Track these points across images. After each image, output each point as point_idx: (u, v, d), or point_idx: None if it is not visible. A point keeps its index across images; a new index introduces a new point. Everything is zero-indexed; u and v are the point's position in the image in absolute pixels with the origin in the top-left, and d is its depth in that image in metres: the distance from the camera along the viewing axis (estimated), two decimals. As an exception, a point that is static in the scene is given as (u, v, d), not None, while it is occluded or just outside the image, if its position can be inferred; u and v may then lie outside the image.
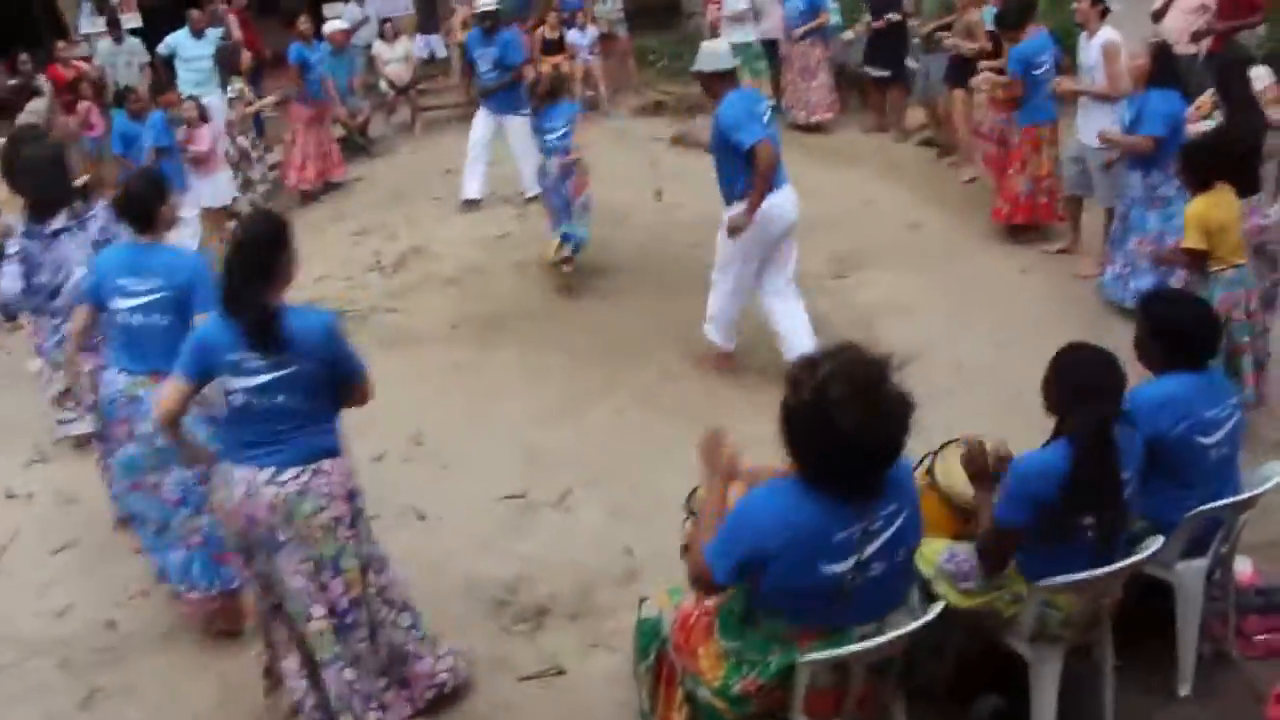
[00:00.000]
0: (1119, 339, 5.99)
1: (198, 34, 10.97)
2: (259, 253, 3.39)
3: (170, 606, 4.49)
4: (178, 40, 11.00)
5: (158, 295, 4.08)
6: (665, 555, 4.00)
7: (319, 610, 3.50)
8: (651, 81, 14.19)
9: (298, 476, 3.41)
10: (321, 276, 8.25)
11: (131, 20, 13.82)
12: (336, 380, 3.48)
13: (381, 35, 12.85)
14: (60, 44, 11.05)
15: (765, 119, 5.69)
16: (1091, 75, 6.99)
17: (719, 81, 5.72)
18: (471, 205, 9.54)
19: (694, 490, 3.69)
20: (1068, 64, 7.81)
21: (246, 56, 10.50)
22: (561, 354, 6.63)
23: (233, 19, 12.21)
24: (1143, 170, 6.31)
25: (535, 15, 13.52)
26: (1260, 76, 7.39)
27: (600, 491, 5.17)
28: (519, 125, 9.05)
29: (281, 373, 3.34)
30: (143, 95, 9.11)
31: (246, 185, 10.07)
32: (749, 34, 11.45)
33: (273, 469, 3.41)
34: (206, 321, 3.52)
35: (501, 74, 9.38)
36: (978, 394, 5.71)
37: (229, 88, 10.24)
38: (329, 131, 10.92)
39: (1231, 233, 4.90)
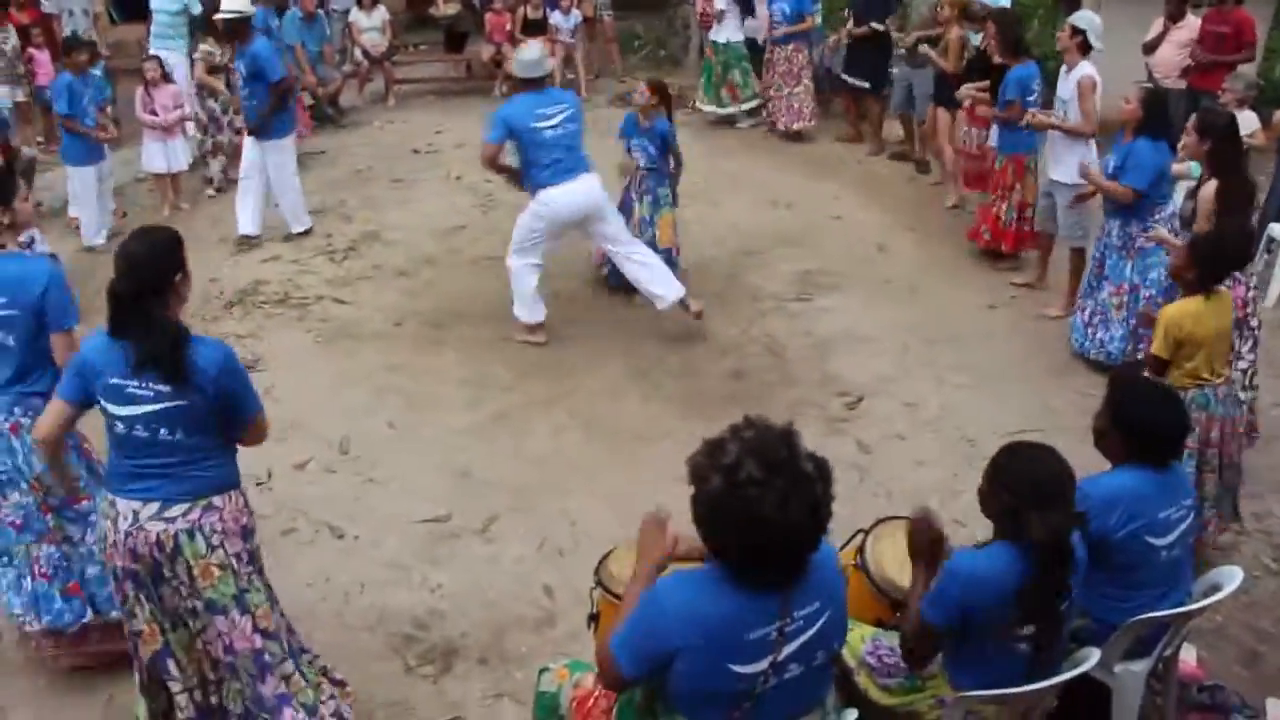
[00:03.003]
0: (1081, 387, 5.92)
1: None
2: (150, 270, 3.09)
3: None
4: None
5: (5, 314, 3.61)
6: (585, 599, 3.78)
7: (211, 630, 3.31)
8: (633, 69, 13.87)
9: (186, 513, 3.18)
10: (269, 257, 7.99)
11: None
12: (226, 416, 3.20)
13: (359, 2, 12.45)
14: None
15: (546, 120, 6.06)
16: (1065, 109, 6.71)
17: (521, 85, 6.24)
18: (249, 241, 8.22)
19: (606, 555, 3.46)
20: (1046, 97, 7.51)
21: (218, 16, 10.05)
22: (506, 362, 6.38)
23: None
24: (1121, 219, 6.05)
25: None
26: (1247, 122, 7.24)
27: (527, 519, 4.93)
28: (280, 150, 8.12)
29: (169, 404, 3.07)
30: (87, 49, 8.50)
31: (216, 150, 9.58)
32: (735, 33, 11.17)
33: (158, 503, 3.16)
34: (91, 340, 3.18)
35: (255, 90, 7.89)
36: (929, 441, 5.52)
37: (199, 48, 9.84)
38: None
39: (1208, 349, 4.30)
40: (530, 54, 6.29)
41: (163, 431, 3.10)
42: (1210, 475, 4.46)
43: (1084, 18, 6.79)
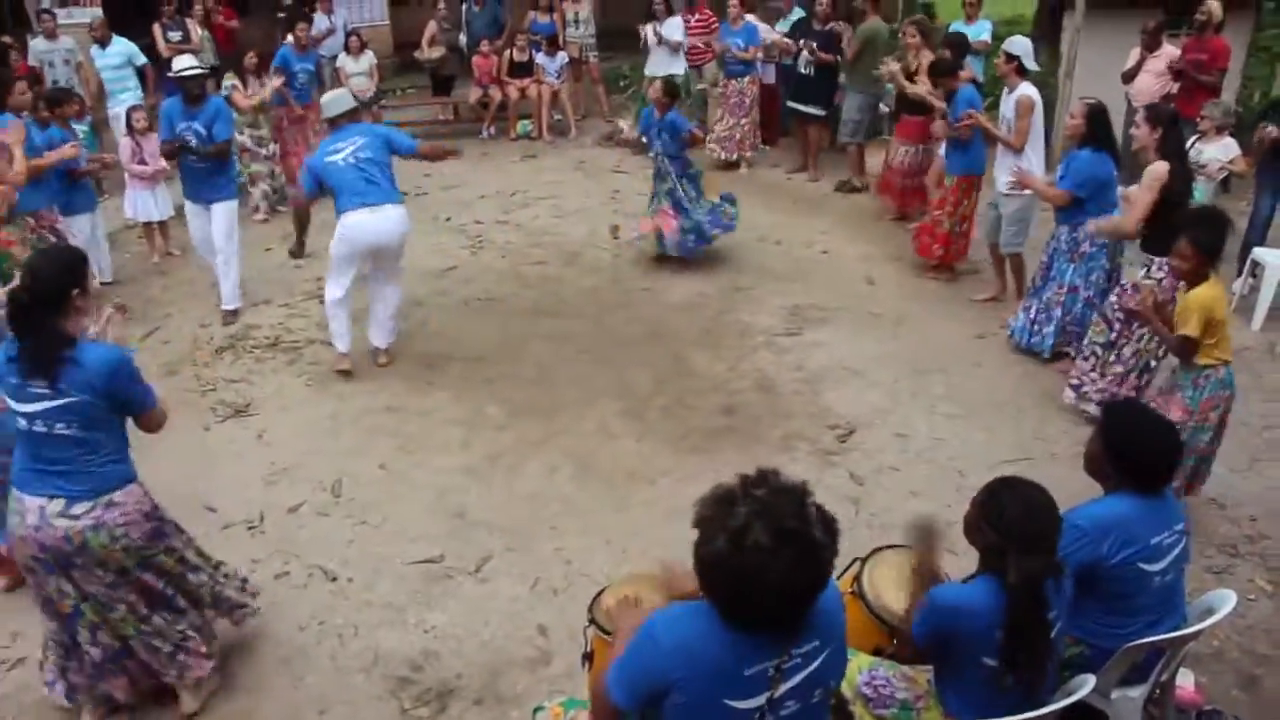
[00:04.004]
0: (1070, 415, 5.95)
1: (99, 42, 10.64)
2: (50, 285, 3.44)
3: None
4: (91, 50, 10.71)
5: None
6: (579, 637, 3.77)
7: (121, 603, 3.72)
8: (620, 109, 13.98)
9: (90, 510, 3.51)
10: (260, 301, 8.00)
11: (92, 14, 13.41)
12: (122, 413, 3.60)
13: (346, 48, 12.54)
14: (7, 37, 10.58)
15: (337, 154, 6.38)
16: (1008, 126, 7.16)
17: (329, 123, 6.66)
18: (233, 315, 7.76)
19: (600, 593, 3.45)
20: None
21: (251, 56, 10.22)
22: (498, 402, 6.38)
23: (190, 22, 11.88)
24: (1069, 225, 6.41)
25: (505, 36, 13.27)
26: (1227, 149, 7.33)
27: (521, 560, 4.91)
28: (224, 213, 7.57)
29: (61, 402, 3.41)
30: (77, 101, 8.54)
31: (255, 179, 10.02)
32: (679, 65, 11.72)
33: (63, 501, 3.49)
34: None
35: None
36: (921, 472, 5.51)
37: (224, 84, 9.97)
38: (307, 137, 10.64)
39: (1226, 328, 4.68)
40: (327, 96, 6.85)
41: (59, 426, 3.43)
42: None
43: (1017, 44, 7.21)
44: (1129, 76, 9.54)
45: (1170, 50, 9.33)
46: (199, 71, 7.44)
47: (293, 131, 10.69)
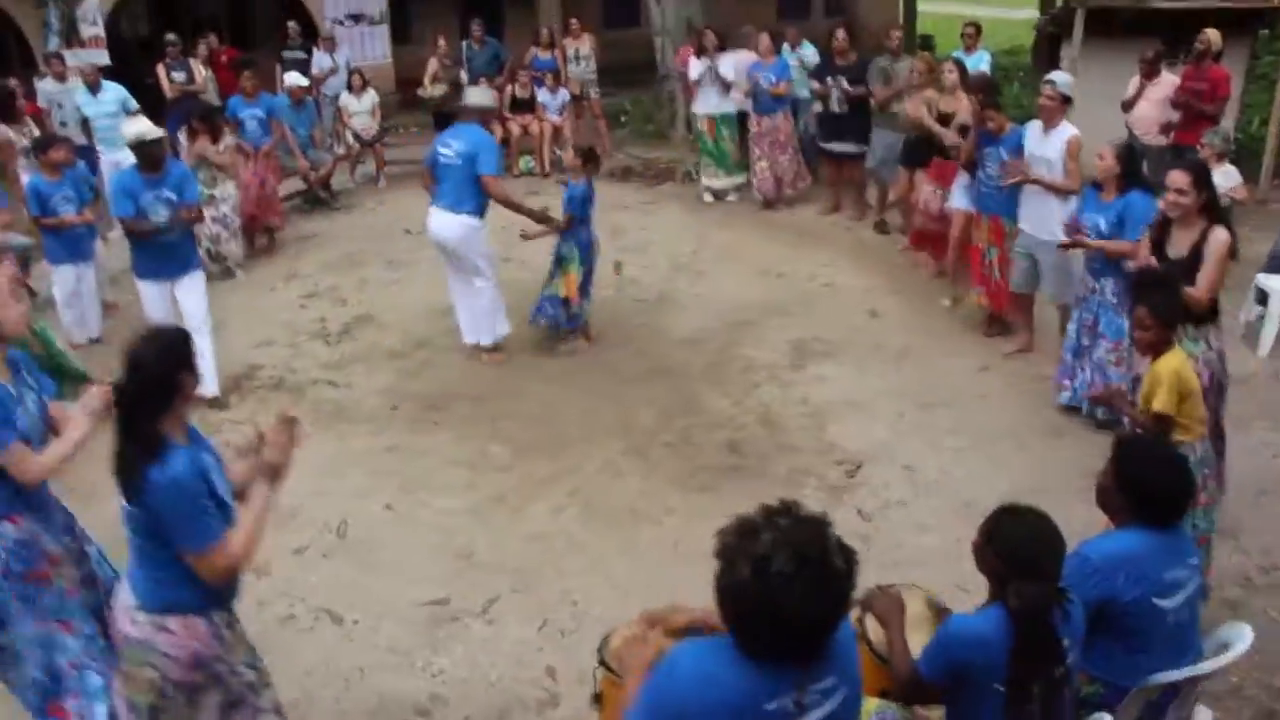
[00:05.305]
0: (1077, 446, 5.91)
1: (91, 88, 10.49)
2: (154, 374, 3.05)
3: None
4: (78, 97, 10.53)
5: None
6: (588, 679, 3.73)
7: None
8: (622, 144, 14.05)
9: (146, 622, 3.14)
10: (264, 342, 8.00)
11: (98, 56, 13.49)
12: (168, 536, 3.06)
13: (349, 87, 12.62)
14: (13, 80, 10.60)
15: (445, 148, 7.03)
16: (1049, 166, 6.62)
17: (482, 114, 7.28)
18: (218, 401, 6.95)
19: (609, 634, 3.42)
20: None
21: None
22: (502, 442, 6.35)
23: (194, 63, 11.97)
24: (1114, 276, 5.95)
25: (506, 73, 13.35)
26: (1228, 176, 7.33)
27: (528, 600, 4.88)
28: (191, 286, 6.85)
29: (125, 506, 3.08)
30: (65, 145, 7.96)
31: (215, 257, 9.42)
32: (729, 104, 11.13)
33: (134, 599, 3.17)
34: None
35: (177, 219, 6.64)
36: (929, 505, 5.49)
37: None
38: (270, 181, 10.45)
39: (1199, 397, 4.34)
40: (471, 90, 7.76)
41: (128, 530, 3.13)
42: None
43: (1067, 82, 6.80)
44: (1128, 105, 9.56)
45: (1169, 79, 9.33)
46: (159, 135, 6.67)
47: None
